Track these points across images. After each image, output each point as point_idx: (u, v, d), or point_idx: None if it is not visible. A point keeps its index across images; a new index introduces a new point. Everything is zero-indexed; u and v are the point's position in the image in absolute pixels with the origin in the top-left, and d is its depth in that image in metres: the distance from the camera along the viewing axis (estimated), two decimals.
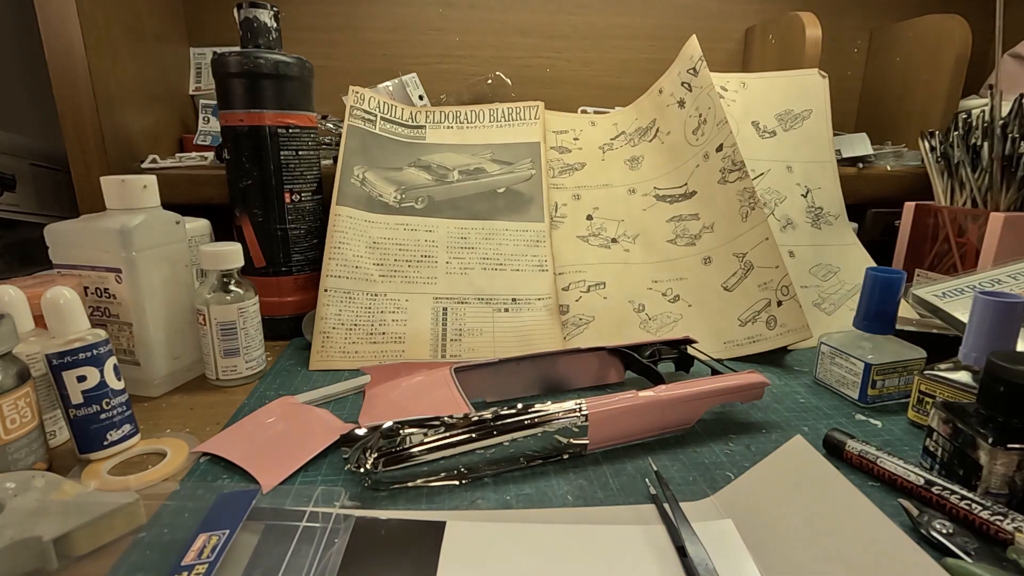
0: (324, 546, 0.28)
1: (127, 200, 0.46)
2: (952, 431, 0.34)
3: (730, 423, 0.43)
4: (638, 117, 0.76)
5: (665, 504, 0.32)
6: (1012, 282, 0.50)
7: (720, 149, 0.63)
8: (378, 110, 0.69)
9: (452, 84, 0.86)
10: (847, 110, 0.98)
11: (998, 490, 0.31)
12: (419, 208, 0.63)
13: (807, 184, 0.69)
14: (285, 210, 0.58)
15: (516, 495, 0.34)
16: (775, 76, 0.75)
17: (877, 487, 0.35)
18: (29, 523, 0.28)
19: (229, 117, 0.55)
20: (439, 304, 0.58)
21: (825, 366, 0.49)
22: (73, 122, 0.61)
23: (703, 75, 0.68)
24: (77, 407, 0.36)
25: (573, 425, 0.36)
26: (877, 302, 0.45)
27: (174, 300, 0.48)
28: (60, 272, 0.46)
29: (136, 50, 0.69)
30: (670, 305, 0.61)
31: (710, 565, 0.28)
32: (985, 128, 0.64)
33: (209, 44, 0.83)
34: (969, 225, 0.65)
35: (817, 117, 0.72)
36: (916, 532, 0.30)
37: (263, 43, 0.55)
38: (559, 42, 0.91)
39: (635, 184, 0.70)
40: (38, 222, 0.75)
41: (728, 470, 0.37)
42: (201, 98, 0.82)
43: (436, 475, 0.35)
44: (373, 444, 0.34)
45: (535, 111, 0.72)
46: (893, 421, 0.43)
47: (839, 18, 0.95)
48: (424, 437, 0.35)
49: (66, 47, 0.59)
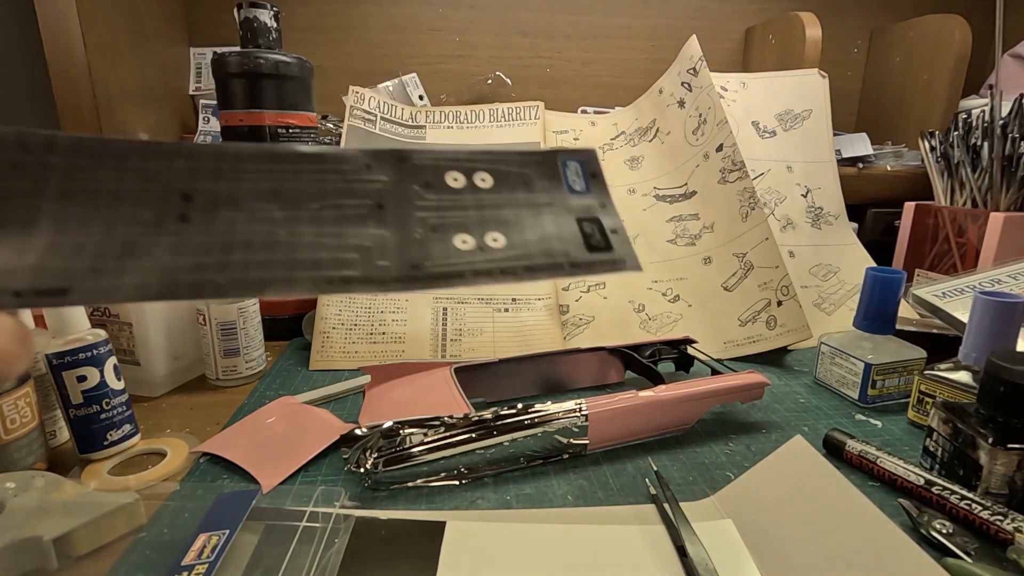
0: (324, 546, 0.28)
1: None
2: (952, 431, 0.34)
3: (730, 423, 0.43)
4: (638, 117, 0.76)
5: (665, 504, 0.32)
6: (1012, 282, 0.50)
7: (720, 149, 0.63)
8: (378, 110, 0.69)
9: (452, 84, 0.86)
10: (847, 110, 0.98)
11: (998, 490, 0.31)
12: None
13: (807, 184, 0.69)
14: None
15: (516, 495, 0.34)
16: (775, 76, 0.75)
17: (877, 487, 0.35)
18: (29, 523, 0.28)
19: (229, 117, 0.55)
20: (439, 304, 0.58)
21: (825, 366, 0.49)
22: (73, 122, 0.61)
23: (703, 75, 0.68)
24: (77, 407, 0.36)
25: (573, 425, 0.36)
26: (877, 302, 0.45)
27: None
28: None
29: (136, 50, 0.69)
30: (670, 305, 0.61)
31: (710, 565, 0.28)
32: (985, 128, 0.63)
33: (209, 44, 0.83)
34: (969, 225, 0.65)
35: (817, 117, 0.72)
36: (916, 532, 0.30)
37: (263, 43, 0.55)
38: (559, 42, 0.91)
39: (635, 184, 0.70)
40: None
41: (728, 470, 0.37)
42: (201, 98, 0.82)
43: (436, 475, 0.35)
44: (373, 444, 0.34)
45: (535, 111, 0.72)
46: (893, 421, 0.43)
47: (839, 18, 0.95)
48: (424, 437, 0.35)
49: (66, 47, 0.59)
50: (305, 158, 0.17)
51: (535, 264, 0.17)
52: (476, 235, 0.18)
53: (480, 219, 0.18)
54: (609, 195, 0.19)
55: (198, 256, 0.15)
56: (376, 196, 0.17)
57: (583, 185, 0.19)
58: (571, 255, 0.18)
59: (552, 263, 0.18)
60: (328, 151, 0.17)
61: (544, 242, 0.18)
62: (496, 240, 0.18)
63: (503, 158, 0.19)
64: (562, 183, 0.19)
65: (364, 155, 0.18)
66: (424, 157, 0.18)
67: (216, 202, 0.16)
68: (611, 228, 0.19)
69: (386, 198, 0.17)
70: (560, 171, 0.19)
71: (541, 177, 0.19)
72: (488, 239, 0.18)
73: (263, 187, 0.16)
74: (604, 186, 0.19)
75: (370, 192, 0.17)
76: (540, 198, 0.19)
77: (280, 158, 0.17)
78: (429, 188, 0.18)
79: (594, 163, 0.20)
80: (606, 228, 0.19)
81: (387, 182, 0.18)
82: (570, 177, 0.19)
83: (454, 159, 0.18)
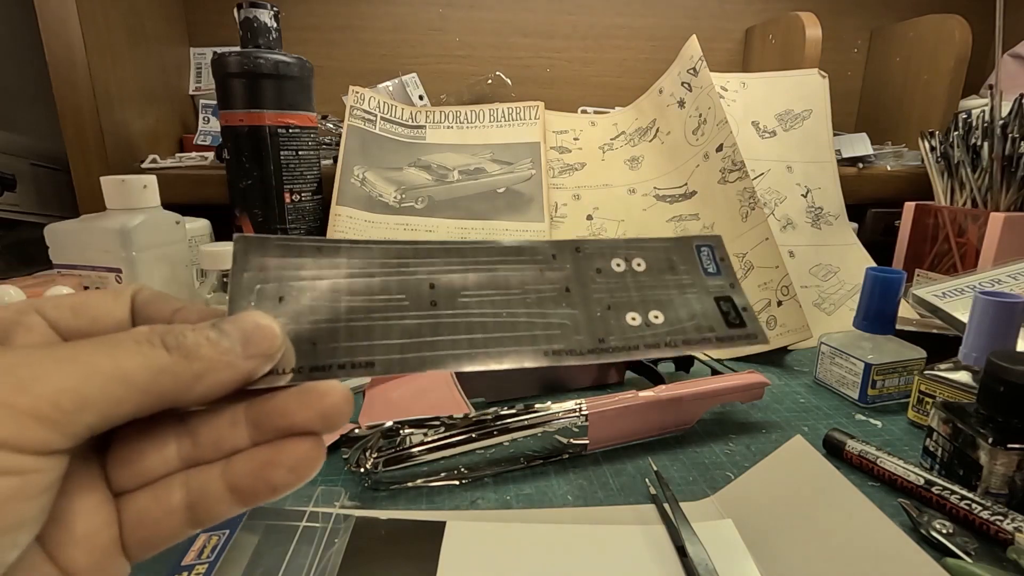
0: (324, 546, 0.28)
1: (127, 200, 0.46)
2: (952, 431, 0.34)
3: (730, 423, 0.43)
4: (638, 117, 0.76)
5: (665, 504, 0.32)
6: (1012, 282, 0.50)
7: (720, 149, 0.63)
8: (378, 110, 0.69)
9: (452, 84, 0.86)
10: (847, 110, 0.98)
11: (998, 490, 0.31)
12: (419, 208, 0.63)
13: (807, 184, 0.69)
14: (285, 210, 0.58)
15: (516, 495, 0.34)
16: (775, 76, 0.75)
17: (877, 487, 0.35)
18: None
19: (229, 117, 0.55)
20: None
21: (825, 366, 0.49)
22: (73, 122, 0.61)
23: (703, 75, 0.68)
24: None
25: (573, 425, 0.36)
26: (877, 302, 0.45)
27: None
28: (60, 272, 0.46)
29: (136, 50, 0.69)
30: None
31: (710, 565, 0.28)
32: (985, 128, 0.63)
33: (209, 44, 0.83)
34: (969, 225, 0.65)
35: (817, 117, 0.72)
36: (916, 532, 0.30)
37: (263, 43, 0.55)
38: (559, 42, 0.91)
39: (635, 184, 0.70)
40: (38, 222, 0.75)
41: (728, 470, 0.37)
42: (201, 98, 0.82)
43: (436, 475, 0.35)
44: (373, 444, 0.34)
45: (535, 111, 0.72)
46: (893, 421, 0.43)
47: (839, 18, 0.95)
48: (424, 437, 0.35)
49: (66, 47, 0.59)
50: (508, 250, 0.21)
51: (689, 338, 0.21)
52: (642, 312, 0.21)
53: (642, 299, 0.21)
54: (735, 276, 0.23)
55: (453, 334, 0.19)
56: (563, 281, 0.21)
57: (715, 267, 0.23)
58: (716, 331, 0.21)
59: (702, 338, 0.21)
60: (523, 244, 0.21)
61: (693, 319, 0.21)
62: (657, 317, 0.21)
63: (651, 245, 0.22)
64: (698, 266, 0.22)
65: (550, 246, 0.21)
66: (593, 247, 0.22)
67: (452, 290, 0.19)
68: (742, 306, 0.22)
69: (571, 282, 0.21)
70: (695, 255, 0.23)
71: (682, 261, 0.22)
72: (651, 316, 0.21)
73: (483, 277, 0.20)
74: (731, 268, 0.23)
75: (558, 278, 0.21)
76: (683, 279, 0.22)
77: (490, 251, 0.21)
78: (600, 273, 0.21)
79: (722, 248, 0.23)
80: (738, 307, 0.22)
81: (569, 269, 0.21)
82: (704, 261, 0.23)
83: (615, 247, 0.22)
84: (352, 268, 0.19)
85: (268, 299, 0.18)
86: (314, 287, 0.18)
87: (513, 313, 0.19)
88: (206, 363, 0.15)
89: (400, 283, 0.19)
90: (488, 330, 0.19)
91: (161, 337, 0.15)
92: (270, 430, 0.16)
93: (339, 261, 0.19)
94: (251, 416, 0.16)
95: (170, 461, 0.16)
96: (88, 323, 0.17)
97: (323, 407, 0.16)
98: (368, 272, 0.19)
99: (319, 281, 0.18)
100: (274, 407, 0.16)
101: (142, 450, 0.16)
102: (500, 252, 0.21)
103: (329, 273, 0.19)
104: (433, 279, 0.19)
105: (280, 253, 0.18)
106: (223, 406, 0.16)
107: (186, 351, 0.15)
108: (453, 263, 0.20)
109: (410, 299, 0.19)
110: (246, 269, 0.18)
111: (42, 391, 0.13)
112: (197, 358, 0.15)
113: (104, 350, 0.14)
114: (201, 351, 0.15)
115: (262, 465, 0.16)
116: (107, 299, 0.18)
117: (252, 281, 0.18)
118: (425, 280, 0.19)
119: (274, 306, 0.18)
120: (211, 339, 0.15)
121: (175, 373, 0.15)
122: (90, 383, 0.13)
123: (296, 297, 0.18)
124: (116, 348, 0.14)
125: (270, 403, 0.16)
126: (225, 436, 0.16)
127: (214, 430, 0.16)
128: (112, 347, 0.14)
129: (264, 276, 0.18)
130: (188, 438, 0.16)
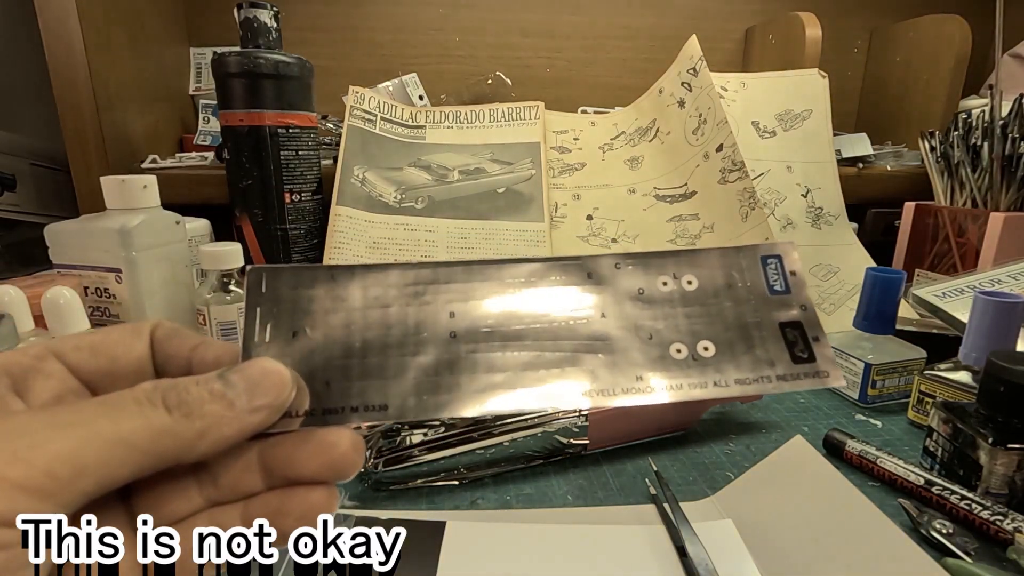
0: None
1: (127, 200, 0.46)
2: (952, 431, 0.34)
3: (730, 423, 0.43)
4: (638, 117, 0.76)
5: (665, 504, 0.32)
6: (1012, 282, 0.50)
7: (720, 149, 0.63)
8: (378, 110, 0.69)
9: (452, 84, 0.86)
10: (847, 110, 0.98)
11: (998, 490, 0.31)
12: (419, 208, 0.63)
13: (807, 184, 0.69)
14: (285, 210, 0.58)
15: (516, 495, 0.34)
16: (775, 76, 0.75)
17: (877, 487, 0.35)
18: None
19: (229, 117, 0.55)
20: None
21: None
22: (73, 122, 0.61)
23: (703, 75, 0.68)
24: None
25: (573, 425, 0.36)
26: (877, 302, 0.45)
27: (174, 300, 0.48)
28: (60, 272, 0.46)
29: (136, 50, 0.69)
30: None
31: (710, 565, 0.28)
32: (985, 128, 0.63)
33: (209, 44, 0.83)
34: (969, 225, 0.65)
35: (817, 117, 0.72)
36: (916, 532, 0.30)
37: (263, 43, 0.55)
38: (559, 42, 0.91)
39: (635, 184, 0.70)
40: (38, 222, 0.75)
41: (728, 470, 0.37)
42: (201, 98, 0.82)
43: (436, 475, 0.35)
44: (373, 444, 0.34)
45: (535, 111, 0.72)
46: (893, 421, 0.43)
47: (839, 18, 0.95)
48: (424, 437, 0.35)
49: (66, 47, 0.59)
50: (536, 271, 0.19)
51: (743, 378, 0.18)
52: (689, 344, 0.18)
53: (690, 327, 0.18)
54: (808, 297, 0.19)
55: (473, 373, 0.17)
56: (599, 307, 0.19)
57: (782, 284, 0.19)
58: (776, 366, 0.18)
59: (759, 376, 0.18)
60: (554, 261, 0.19)
61: (750, 351, 0.18)
62: (707, 349, 0.18)
63: (707, 257, 0.19)
64: (763, 282, 0.19)
65: (584, 263, 0.19)
66: (636, 261, 0.19)
67: (473, 319, 0.18)
68: (813, 336, 0.18)
69: (607, 307, 0.19)
70: (760, 269, 0.19)
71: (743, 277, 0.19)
72: (700, 348, 0.18)
73: (507, 302, 0.18)
74: (803, 285, 0.19)
75: (593, 303, 0.19)
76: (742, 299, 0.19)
77: (516, 271, 0.19)
78: (642, 295, 0.19)
79: (792, 259, 0.19)
80: (808, 336, 0.18)
81: (606, 290, 0.19)
82: (770, 276, 0.19)
83: (662, 262, 0.19)
84: (367, 298, 0.18)
85: (281, 336, 0.17)
86: (327, 322, 0.18)
87: (540, 345, 0.18)
88: (209, 420, 0.15)
89: (417, 313, 0.18)
90: (510, 366, 0.17)
91: (163, 395, 0.15)
92: (280, 477, 0.16)
93: (354, 289, 0.18)
94: (263, 461, 0.16)
95: (194, 501, 0.16)
96: (108, 363, 0.17)
97: (332, 459, 0.16)
98: (384, 303, 0.18)
99: (333, 315, 0.18)
100: (284, 456, 0.16)
101: (166, 496, 0.16)
102: (528, 273, 0.19)
103: (343, 305, 0.18)
104: (453, 308, 0.18)
105: (293, 284, 0.18)
106: (238, 450, 0.16)
107: (188, 409, 0.15)
108: (475, 286, 0.18)
109: (428, 331, 0.18)
110: (259, 304, 0.18)
111: (37, 460, 0.13)
112: (200, 416, 0.15)
113: (105, 412, 0.14)
114: (204, 408, 0.15)
115: (273, 513, 0.16)
116: (126, 336, 0.18)
117: (266, 317, 0.17)
118: (444, 309, 0.18)
119: (287, 343, 0.17)
120: (215, 392, 0.15)
121: (176, 433, 0.14)
122: (89, 448, 0.13)
123: (310, 332, 0.17)
124: (117, 410, 0.14)
125: (280, 450, 0.16)
126: (241, 480, 0.16)
127: (231, 473, 0.16)
128: (113, 409, 0.14)
129: (277, 310, 0.18)
130: (209, 480, 0.16)
